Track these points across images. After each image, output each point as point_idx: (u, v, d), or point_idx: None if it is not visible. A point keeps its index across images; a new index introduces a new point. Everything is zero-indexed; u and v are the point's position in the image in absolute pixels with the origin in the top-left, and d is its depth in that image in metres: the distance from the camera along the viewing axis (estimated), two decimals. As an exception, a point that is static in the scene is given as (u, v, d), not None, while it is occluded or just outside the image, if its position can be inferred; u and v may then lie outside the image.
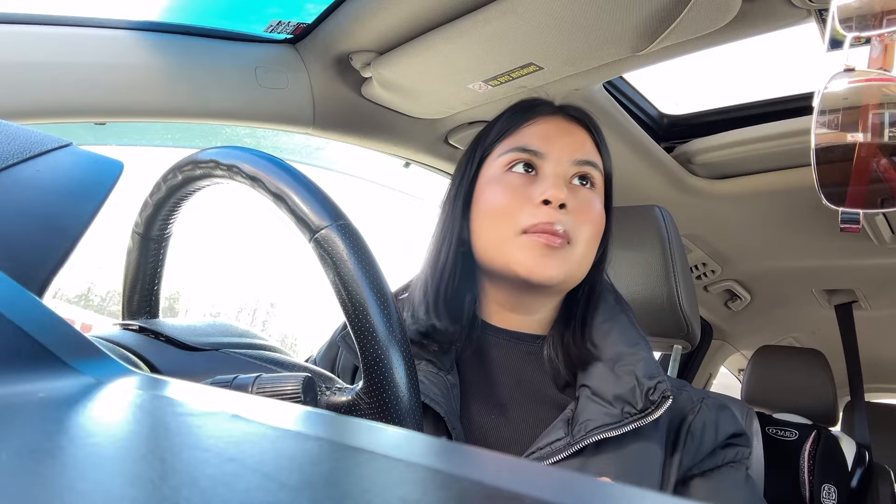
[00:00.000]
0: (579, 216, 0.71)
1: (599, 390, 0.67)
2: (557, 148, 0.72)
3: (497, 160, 0.74)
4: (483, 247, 0.73)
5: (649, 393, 0.66)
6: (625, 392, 0.66)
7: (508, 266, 0.70)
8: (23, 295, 0.28)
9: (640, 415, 0.64)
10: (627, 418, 0.64)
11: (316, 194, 0.43)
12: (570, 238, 0.70)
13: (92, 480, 0.17)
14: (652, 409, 0.65)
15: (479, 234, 0.73)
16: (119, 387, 0.26)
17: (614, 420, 0.64)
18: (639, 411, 0.65)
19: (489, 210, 0.72)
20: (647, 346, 0.73)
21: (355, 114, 1.11)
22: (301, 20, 0.96)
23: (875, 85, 0.52)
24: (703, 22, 0.80)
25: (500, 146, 0.75)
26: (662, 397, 0.65)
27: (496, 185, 0.72)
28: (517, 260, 0.69)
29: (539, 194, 0.69)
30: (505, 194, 0.71)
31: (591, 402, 0.66)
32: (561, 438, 0.64)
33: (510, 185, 0.71)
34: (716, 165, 1.35)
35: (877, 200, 0.55)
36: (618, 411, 0.65)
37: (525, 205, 0.70)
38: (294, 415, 0.24)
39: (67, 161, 0.37)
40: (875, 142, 0.52)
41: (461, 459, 0.20)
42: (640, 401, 0.65)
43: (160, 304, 0.55)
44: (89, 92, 0.84)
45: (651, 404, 0.65)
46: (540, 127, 0.74)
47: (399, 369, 0.41)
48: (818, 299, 1.91)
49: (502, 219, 0.70)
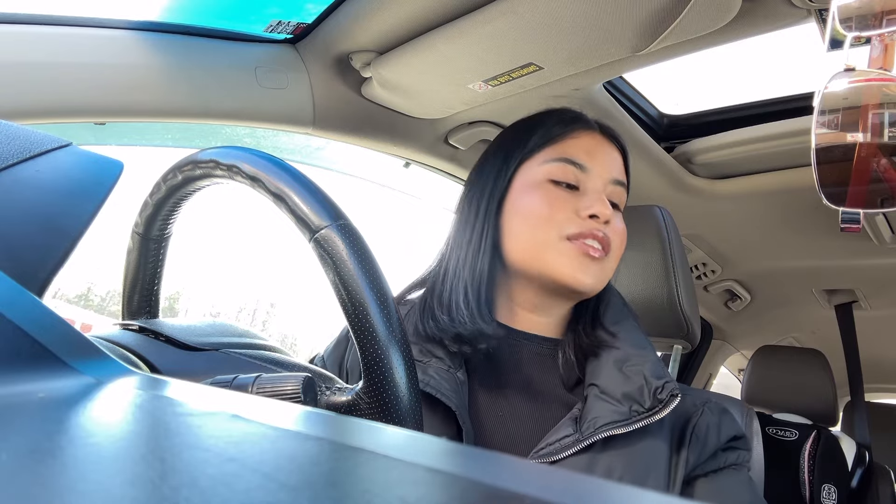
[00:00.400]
0: (615, 232, 0.73)
1: (608, 389, 0.68)
2: (599, 164, 0.74)
3: (539, 167, 0.74)
4: (518, 249, 0.73)
5: (657, 392, 0.67)
6: (633, 391, 0.68)
7: (547, 270, 0.71)
8: (23, 295, 0.28)
9: (647, 413, 0.66)
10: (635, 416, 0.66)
11: (316, 194, 0.43)
12: (609, 249, 0.72)
13: (92, 480, 0.17)
14: (660, 408, 0.66)
15: (515, 237, 0.74)
16: (119, 387, 0.26)
17: (623, 417, 0.66)
18: (646, 409, 0.66)
19: (530, 214, 0.72)
20: (653, 349, 0.75)
21: (355, 114, 1.11)
22: (301, 20, 0.96)
23: (875, 85, 0.52)
24: (703, 22, 0.80)
25: (542, 153, 0.75)
26: (671, 396, 0.67)
27: (538, 191, 0.73)
28: (559, 265, 0.71)
29: (585, 208, 0.71)
30: (549, 201, 0.72)
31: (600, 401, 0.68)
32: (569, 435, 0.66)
33: (554, 194, 0.72)
34: (716, 165, 1.35)
35: (877, 200, 0.55)
36: (626, 409, 0.66)
37: (570, 215, 0.71)
38: (294, 415, 0.24)
39: (67, 161, 0.37)
40: (875, 142, 0.52)
41: (461, 459, 0.20)
42: (649, 399, 0.67)
43: (160, 304, 0.55)
44: (89, 92, 0.84)
45: (659, 403, 0.67)
46: (584, 140, 0.76)
47: (399, 369, 0.41)
48: (818, 299, 1.91)
49: (546, 224, 0.71)
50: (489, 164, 0.79)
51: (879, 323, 1.98)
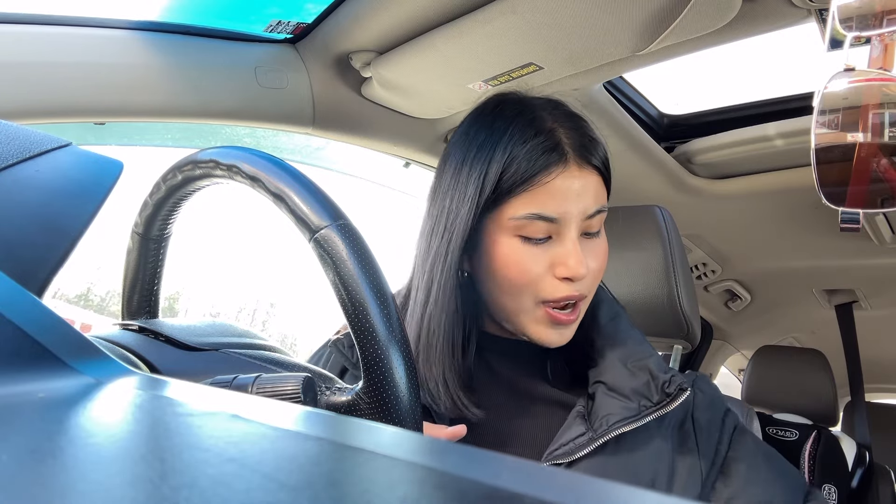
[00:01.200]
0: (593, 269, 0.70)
1: (616, 386, 0.69)
2: (572, 207, 0.68)
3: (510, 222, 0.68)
4: (492, 307, 0.72)
5: (665, 386, 0.68)
6: (640, 386, 0.68)
7: (522, 330, 0.70)
8: (23, 295, 0.28)
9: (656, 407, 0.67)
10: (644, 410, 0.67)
11: (316, 194, 0.43)
12: (585, 295, 0.70)
13: (92, 480, 0.17)
14: (668, 401, 0.67)
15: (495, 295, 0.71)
16: (119, 387, 0.26)
17: (633, 413, 0.66)
18: (655, 404, 0.67)
19: (503, 278, 0.69)
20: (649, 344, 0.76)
21: (355, 114, 1.11)
22: (301, 20, 0.96)
23: (875, 85, 0.52)
24: (703, 22, 0.80)
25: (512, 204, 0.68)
26: (679, 389, 0.68)
27: (511, 251, 0.68)
28: (532, 329, 0.70)
29: (562, 269, 0.67)
30: (523, 263, 0.68)
31: (609, 398, 0.68)
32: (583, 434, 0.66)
33: (527, 254, 0.68)
34: (716, 165, 1.35)
35: (877, 200, 0.55)
36: (636, 405, 0.67)
37: (544, 276, 0.68)
38: (294, 415, 0.24)
39: (67, 161, 0.37)
40: (875, 142, 0.52)
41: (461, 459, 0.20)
42: (656, 394, 0.68)
43: (160, 304, 0.55)
44: (89, 92, 0.84)
45: (667, 396, 0.68)
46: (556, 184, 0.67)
47: (399, 369, 0.41)
48: (818, 299, 1.91)
49: (522, 290, 0.68)
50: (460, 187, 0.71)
51: (880, 323, 1.98)
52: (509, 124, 0.70)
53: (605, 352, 0.73)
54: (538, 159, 0.68)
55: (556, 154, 0.68)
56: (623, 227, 1.00)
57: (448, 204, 0.72)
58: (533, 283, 0.68)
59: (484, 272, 0.71)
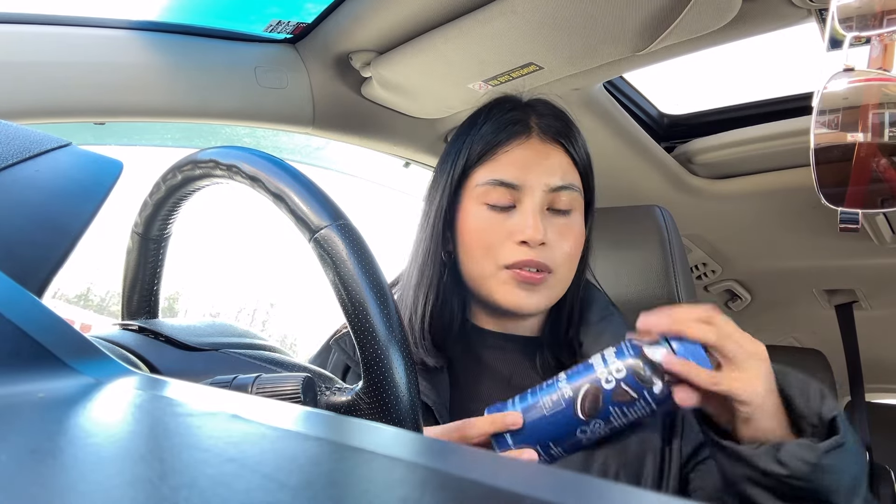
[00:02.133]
0: (558, 245, 0.73)
1: None
2: (534, 176, 0.73)
3: (476, 188, 0.74)
4: (468, 275, 0.76)
5: None
6: None
7: (492, 297, 0.73)
8: (23, 295, 0.28)
9: None
10: None
11: (316, 194, 0.43)
12: (551, 268, 0.72)
13: (92, 480, 0.17)
14: None
15: (465, 262, 0.75)
16: (119, 387, 0.26)
17: None
18: None
19: (471, 243, 0.74)
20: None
21: (355, 114, 1.11)
22: (301, 20, 0.96)
23: (875, 85, 0.52)
24: (703, 22, 0.80)
25: (478, 171, 0.75)
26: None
27: (476, 219, 0.74)
28: (500, 294, 0.72)
29: (518, 232, 0.71)
30: (485, 230, 0.73)
31: None
32: None
33: (489, 220, 0.73)
34: (716, 165, 1.35)
35: (877, 200, 0.55)
36: None
37: (505, 241, 0.72)
38: (294, 415, 0.24)
39: (67, 161, 0.37)
40: (875, 142, 0.52)
41: (461, 459, 0.20)
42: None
43: (160, 304, 0.55)
44: (89, 92, 0.84)
45: None
46: (517, 154, 0.74)
47: (399, 369, 0.41)
48: (818, 299, 1.91)
49: (484, 255, 0.73)
50: (439, 171, 0.80)
51: (880, 323, 1.98)
52: (488, 112, 0.79)
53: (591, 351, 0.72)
54: (502, 131, 0.76)
55: (520, 126, 0.76)
56: (623, 227, 1.00)
57: (433, 191, 0.79)
58: (493, 248, 0.72)
59: (459, 244, 0.76)
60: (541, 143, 0.75)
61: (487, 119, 0.77)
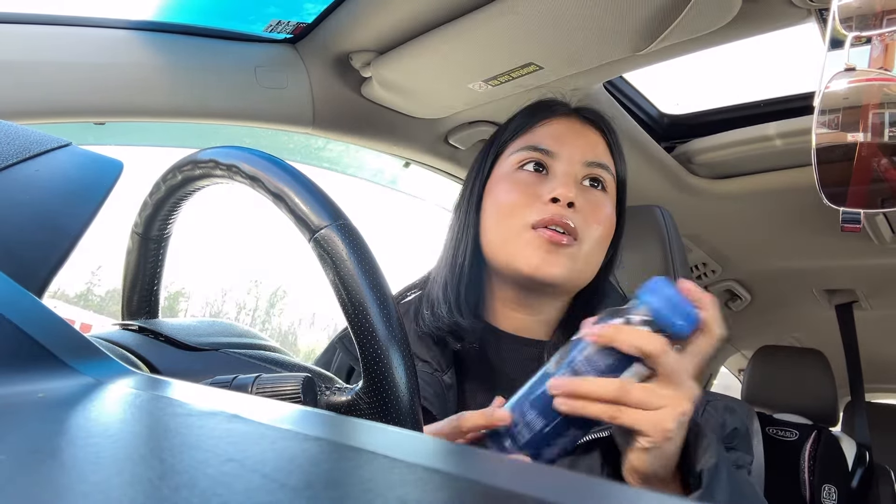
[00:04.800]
0: (589, 216, 0.71)
1: None
2: (569, 148, 0.72)
3: (509, 158, 0.74)
4: (490, 243, 0.73)
5: None
6: None
7: (513, 262, 0.70)
8: (23, 295, 0.28)
9: None
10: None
11: (315, 194, 0.43)
12: (578, 235, 0.69)
13: (92, 481, 0.17)
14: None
15: (488, 231, 0.73)
16: (119, 387, 0.26)
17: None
18: None
19: (498, 206, 0.72)
20: None
21: (355, 114, 1.11)
22: (301, 20, 0.96)
23: (875, 85, 0.52)
24: (703, 22, 0.80)
25: (512, 144, 0.75)
26: None
27: (506, 182, 0.73)
28: (523, 255, 0.69)
29: (548, 192, 0.69)
30: (514, 191, 0.71)
31: None
32: None
33: (520, 181, 0.72)
34: (716, 165, 1.35)
35: (877, 200, 0.55)
36: None
37: (534, 202, 0.70)
38: (294, 415, 0.24)
39: (67, 161, 0.37)
40: (876, 141, 0.52)
41: (461, 459, 0.20)
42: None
43: (160, 304, 0.55)
44: (89, 92, 0.84)
45: None
46: (553, 127, 0.75)
47: (399, 369, 0.41)
48: (818, 299, 1.91)
49: (511, 215, 0.70)
50: (475, 163, 0.81)
51: (880, 323, 1.98)
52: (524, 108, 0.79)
53: None
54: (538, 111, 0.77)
55: (553, 109, 0.77)
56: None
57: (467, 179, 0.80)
58: (522, 207, 0.70)
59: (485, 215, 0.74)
60: (580, 122, 0.76)
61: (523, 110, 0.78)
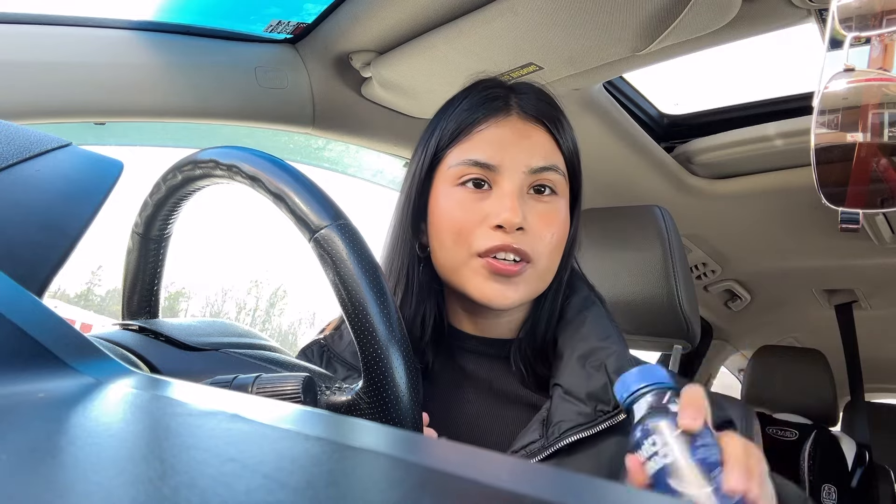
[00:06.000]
0: (539, 231, 0.66)
1: (572, 389, 0.65)
2: (511, 156, 0.66)
3: (448, 170, 0.68)
4: (440, 265, 0.69)
5: None
6: (597, 389, 0.64)
7: (465, 289, 0.67)
8: (23, 295, 0.28)
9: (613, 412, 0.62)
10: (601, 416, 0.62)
11: (316, 194, 0.43)
12: (531, 257, 0.66)
13: (92, 480, 0.17)
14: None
15: (436, 251, 0.69)
16: (119, 387, 0.26)
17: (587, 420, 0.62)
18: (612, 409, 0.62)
19: (443, 229, 0.68)
20: (619, 338, 0.70)
21: (355, 114, 1.11)
22: (301, 20, 0.96)
23: (875, 85, 0.52)
24: (703, 22, 0.80)
25: (451, 153, 0.69)
26: None
27: (448, 201, 0.68)
28: (472, 286, 0.66)
29: (494, 216, 0.65)
30: (457, 213, 0.66)
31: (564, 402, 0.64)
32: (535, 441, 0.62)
33: (462, 203, 0.67)
34: (716, 165, 1.35)
35: (877, 200, 0.55)
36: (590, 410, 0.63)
37: (479, 225, 0.65)
38: (294, 415, 0.24)
39: (67, 161, 0.37)
40: (875, 142, 0.52)
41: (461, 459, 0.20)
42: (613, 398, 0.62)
43: (160, 304, 0.55)
44: (89, 92, 0.84)
45: None
46: (492, 132, 0.68)
47: (399, 369, 0.41)
48: (818, 299, 1.91)
49: (456, 241, 0.66)
50: (412, 159, 0.74)
51: (879, 323, 1.98)
52: (466, 92, 0.72)
53: (566, 350, 0.68)
54: (479, 109, 0.69)
55: (499, 102, 0.69)
56: (623, 227, 1.00)
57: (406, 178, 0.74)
58: (466, 233, 0.66)
59: (431, 233, 0.70)
60: (521, 121, 0.69)
61: (464, 99, 0.71)
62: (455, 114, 0.70)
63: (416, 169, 0.71)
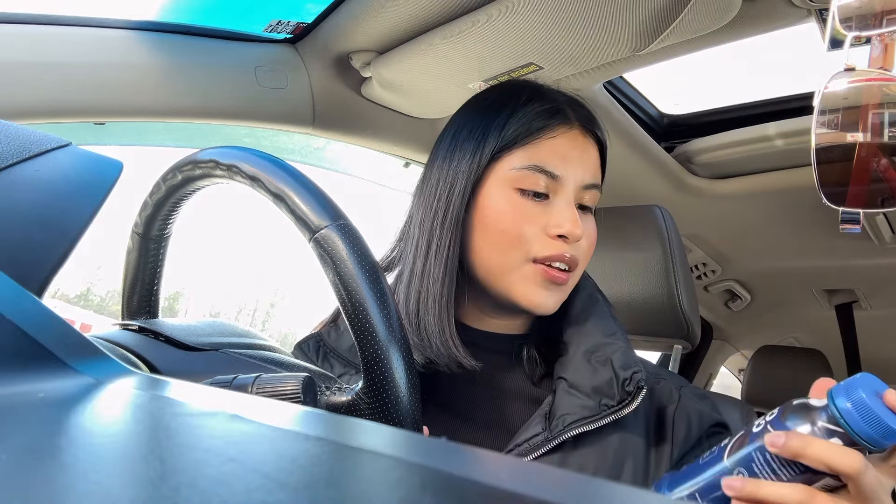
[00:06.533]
0: (585, 244, 0.70)
1: (576, 383, 0.66)
2: (573, 171, 0.69)
3: (509, 172, 0.68)
4: (484, 268, 0.69)
5: (625, 384, 0.65)
6: (602, 384, 0.65)
7: (509, 294, 0.68)
8: (23, 295, 0.27)
9: (617, 407, 0.64)
10: (605, 410, 0.64)
11: (315, 194, 0.43)
12: (575, 268, 0.69)
13: (92, 480, 0.17)
14: (629, 401, 0.64)
15: (480, 254, 0.69)
16: (119, 387, 0.26)
17: (592, 413, 0.63)
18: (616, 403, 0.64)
19: (496, 231, 0.68)
20: (624, 336, 0.72)
21: (355, 114, 1.11)
22: (301, 20, 0.96)
23: (875, 85, 0.52)
24: (703, 22, 0.80)
25: (516, 152, 0.68)
26: (637, 388, 0.65)
27: (506, 204, 0.68)
28: (521, 290, 0.67)
29: (555, 227, 0.66)
30: (518, 220, 0.67)
31: (569, 395, 0.65)
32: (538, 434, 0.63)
33: (521, 207, 0.67)
34: (716, 165, 1.35)
35: (877, 200, 0.55)
36: (595, 404, 0.64)
37: (539, 234, 0.67)
38: (294, 415, 0.24)
39: (67, 161, 0.37)
40: (875, 141, 0.52)
41: (461, 459, 0.20)
42: (618, 392, 0.65)
43: (160, 304, 0.55)
44: (89, 92, 0.84)
45: (628, 395, 0.64)
46: (560, 142, 0.69)
47: (399, 369, 0.41)
48: (818, 299, 1.91)
49: (512, 245, 0.67)
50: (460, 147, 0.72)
51: (880, 323, 1.98)
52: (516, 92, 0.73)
53: (571, 345, 0.70)
54: (542, 118, 0.70)
55: (561, 116, 0.71)
56: (623, 227, 1.00)
57: (448, 164, 0.72)
58: (525, 239, 0.67)
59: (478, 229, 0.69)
60: (582, 136, 0.71)
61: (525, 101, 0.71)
62: (517, 117, 0.70)
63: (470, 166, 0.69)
